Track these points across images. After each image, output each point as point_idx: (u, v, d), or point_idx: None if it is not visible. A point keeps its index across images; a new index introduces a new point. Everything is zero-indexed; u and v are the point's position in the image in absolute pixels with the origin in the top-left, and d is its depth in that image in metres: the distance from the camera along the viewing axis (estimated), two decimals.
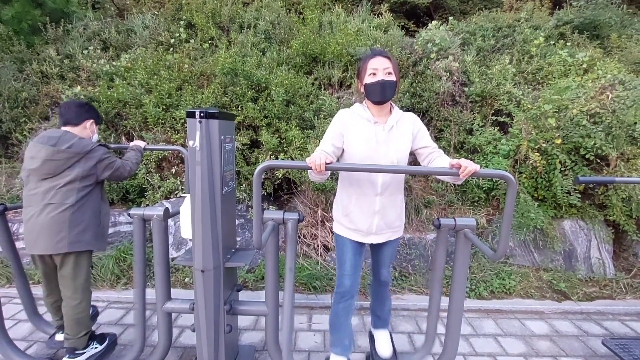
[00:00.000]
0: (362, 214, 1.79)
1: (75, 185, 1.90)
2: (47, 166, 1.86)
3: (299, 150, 3.22)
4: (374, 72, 1.66)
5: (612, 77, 3.45)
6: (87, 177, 1.93)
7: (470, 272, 3.14)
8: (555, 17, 5.05)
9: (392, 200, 1.79)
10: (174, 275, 3.13)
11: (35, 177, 1.89)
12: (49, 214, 1.85)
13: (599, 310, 2.91)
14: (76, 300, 1.97)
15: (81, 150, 1.90)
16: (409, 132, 1.78)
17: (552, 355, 2.36)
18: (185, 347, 2.34)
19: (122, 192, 3.54)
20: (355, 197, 1.79)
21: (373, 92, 1.68)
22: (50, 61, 4.16)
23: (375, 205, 1.76)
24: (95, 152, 1.96)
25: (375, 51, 1.73)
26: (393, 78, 1.67)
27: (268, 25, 4.42)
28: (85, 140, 1.97)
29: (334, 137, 1.75)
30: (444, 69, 3.70)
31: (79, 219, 1.91)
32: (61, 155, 1.86)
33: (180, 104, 3.47)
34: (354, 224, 1.82)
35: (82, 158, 1.91)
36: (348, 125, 1.75)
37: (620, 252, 3.60)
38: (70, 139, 1.91)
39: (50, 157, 1.85)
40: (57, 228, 1.85)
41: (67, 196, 1.88)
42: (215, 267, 1.73)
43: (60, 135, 1.91)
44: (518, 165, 3.40)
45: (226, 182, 1.77)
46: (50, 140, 1.87)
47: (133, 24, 4.70)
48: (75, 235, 1.89)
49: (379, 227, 1.80)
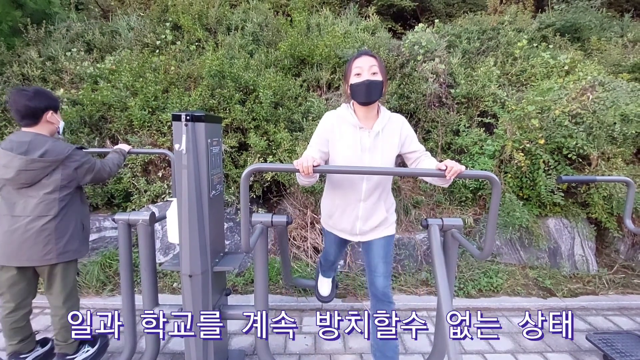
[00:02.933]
0: (344, 218, 1.81)
1: (56, 195, 1.82)
2: (23, 176, 1.77)
3: (287, 152, 3.22)
4: (359, 72, 1.63)
5: (593, 79, 3.55)
6: (66, 185, 1.86)
7: (459, 271, 3.18)
8: (537, 20, 5.18)
9: (376, 207, 1.78)
10: (162, 280, 3.08)
11: (10, 186, 1.80)
12: (31, 225, 1.79)
13: (583, 305, 2.98)
14: (65, 309, 1.93)
15: (57, 158, 1.80)
16: (396, 137, 1.75)
17: (539, 352, 2.41)
18: (174, 353, 2.31)
19: (107, 196, 3.47)
20: (339, 201, 1.80)
21: (358, 93, 1.64)
22: (32, 63, 4.05)
23: (358, 211, 1.77)
24: (73, 158, 1.86)
25: (361, 51, 1.71)
26: (379, 78, 1.63)
27: (256, 27, 4.41)
28: (60, 144, 1.85)
29: (319, 142, 1.74)
30: (431, 71, 3.75)
31: (64, 229, 1.87)
32: (36, 165, 1.76)
33: (167, 107, 3.42)
34: (337, 225, 1.86)
35: (59, 165, 1.83)
36: (333, 130, 1.73)
37: (602, 248, 3.70)
38: (43, 144, 1.79)
39: (24, 167, 1.75)
40: (43, 240, 1.80)
41: (49, 208, 1.81)
42: (203, 272, 1.71)
43: (30, 140, 1.78)
44: (503, 165, 3.47)
45: (213, 186, 1.76)
46: (20, 147, 1.75)
47: (118, 25, 4.63)
48: (63, 246, 1.85)
49: (362, 230, 1.81)
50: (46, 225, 1.81)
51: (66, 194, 1.87)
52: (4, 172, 1.77)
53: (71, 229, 1.89)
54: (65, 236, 1.87)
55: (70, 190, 1.89)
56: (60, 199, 1.84)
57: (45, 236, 1.81)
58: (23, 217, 1.79)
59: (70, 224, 1.89)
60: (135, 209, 3.31)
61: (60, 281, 1.91)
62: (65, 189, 1.86)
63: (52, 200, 1.82)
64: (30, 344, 2.00)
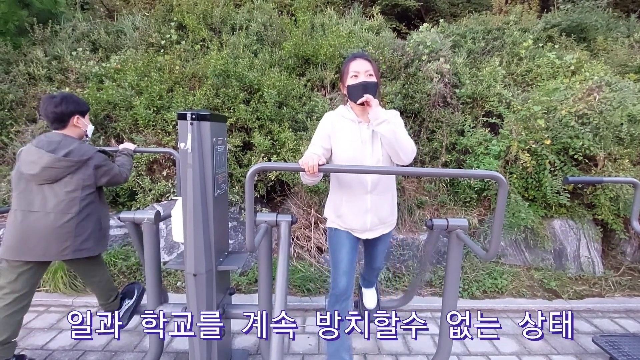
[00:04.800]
0: (354, 214, 1.79)
1: (77, 194, 1.88)
2: (47, 173, 1.83)
3: (291, 152, 3.21)
4: (356, 74, 1.72)
5: (599, 79, 3.52)
6: (87, 185, 1.92)
7: (463, 272, 3.16)
8: (543, 20, 5.15)
9: (383, 197, 1.81)
10: (166, 279, 3.09)
11: (32, 182, 1.86)
12: (52, 222, 1.82)
13: (589, 308, 2.95)
14: (94, 284, 2.09)
15: (80, 159, 1.88)
16: None
17: (544, 354, 2.39)
18: (177, 352, 2.31)
19: (112, 195, 3.49)
20: (346, 197, 1.80)
21: (355, 93, 1.72)
22: (38, 62, 4.08)
23: (367, 203, 1.77)
24: (95, 160, 1.94)
25: (355, 54, 1.80)
26: (374, 79, 1.74)
27: (260, 26, 4.42)
28: (85, 146, 1.95)
29: (322, 138, 1.78)
30: (435, 70, 3.73)
31: (84, 228, 1.90)
32: (62, 164, 1.84)
33: (172, 106, 3.43)
34: (347, 224, 1.83)
35: (82, 166, 1.89)
36: (334, 127, 1.79)
37: (608, 250, 3.67)
38: (69, 144, 1.88)
39: (50, 165, 1.82)
40: (63, 236, 1.84)
41: (70, 206, 1.86)
42: (208, 271, 1.71)
43: (59, 140, 1.88)
44: (508, 165, 3.44)
45: (218, 185, 1.76)
46: (49, 145, 1.85)
47: (123, 25, 4.65)
48: (80, 243, 1.89)
49: (373, 223, 1.81)
50: (68, 223, 1.85)
51: (88, 194, 1.92)
52: (29, 167, 1.83)
53: (91, 228, 1.93)
54: (84, 234, 1.90)
55: (93, 190, 1.95)
56: (82, 198, 1.89)
57: (65, 232, 1.85)
58: (43, 212, 1.83)
59: (90, 222, 1.93)
60: (140, 208, 3.32)
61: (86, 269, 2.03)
62: (87, 189, 1.92)
63: (74, 198, 1.87)
64: (8, 351, 1.92)
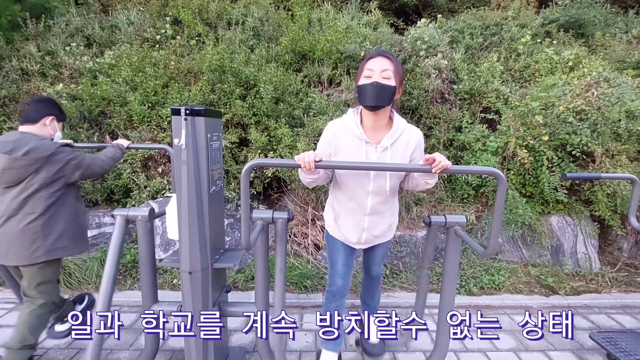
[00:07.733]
0: (350, 230, 1.80)
1: (42, 193, 1.80)
2: (7, 175, 1.75)
3: (288, 148, 3.19)
4: (370, 74, 1.47)
5: (597, 75, 3.51)
6: (53, 182, 1.83)
7: (460, 269, 3.16)
8: (541, 16, 5.13)
9: (380, 218, 1.77)
10: (162, 276, 3.06)
11: None
12: (17, 225, 1.77)
13: (586, 304, 2.96)
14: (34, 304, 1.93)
15: (41, 155, 1.77)
16: (407, 155, 1.61)
17: (541, 350, 2.39)
18: (173, 350, 2.29)
19: (107, 192, 3.45)
20: (344, 214, 1.79)
21: (364, 95, 1.48)
22: (31, 58, 4.02)
23: (364, 223, 1.76)
24: (59, 155, 1.83)
25: (378, 51, 1.53)
26: (391, 83, 1.46)
27: (256, 21, 4.37)
28: (46, 142, 1.83)
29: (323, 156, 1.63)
30: (433, 66, 3.70)
31: (52, 227, 1.83)
32: (20, 163, 1.74)
33: (167, 102, 3.39)
34: (343, 235, 1.83)
35: (44, 163, 1.79)
36: (338, 143, 1.61)
37: (605, 246, 3.68)
38: (27, 143, 1.77)
39: (8, 166, 1.74)
40: (29, 238, 1.78)
41: (34, 206, 1.79)
42: (203, 269, 1.69)
43: (15, 140, 1.78)
44: (506, 162, 3.43)
45: (213, 181, 1.73)
46: (5, 146, 1.75)
47: (117, 20, 4.59)
48: (51, 243, 1.83)
49: (368, 239, 1.82)
50: (32, 224, 1.79)
51: (54, 192, 1.84)
52: None
53: (61, 227, 1.86)
54: (54, 233, 1.84)
55: (58, 187, 1.86)
56: (47, 196, 1.82)
57: (32, 233, 1.78)
58: (7, 217, 1.78)
59: (59, 221, 1.86)
60: (135, 205, 3.29)
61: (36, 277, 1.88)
62: (52, 187, 1.83)
63: (38, 197, 1.80)
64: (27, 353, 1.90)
